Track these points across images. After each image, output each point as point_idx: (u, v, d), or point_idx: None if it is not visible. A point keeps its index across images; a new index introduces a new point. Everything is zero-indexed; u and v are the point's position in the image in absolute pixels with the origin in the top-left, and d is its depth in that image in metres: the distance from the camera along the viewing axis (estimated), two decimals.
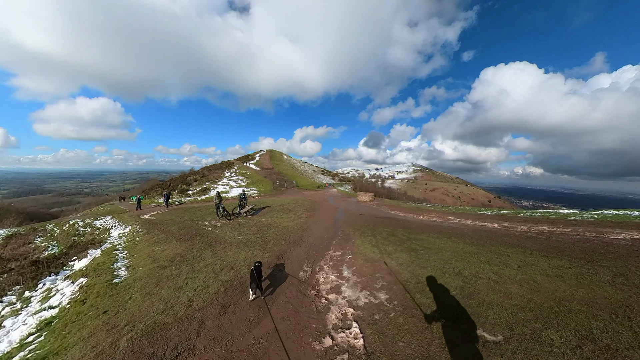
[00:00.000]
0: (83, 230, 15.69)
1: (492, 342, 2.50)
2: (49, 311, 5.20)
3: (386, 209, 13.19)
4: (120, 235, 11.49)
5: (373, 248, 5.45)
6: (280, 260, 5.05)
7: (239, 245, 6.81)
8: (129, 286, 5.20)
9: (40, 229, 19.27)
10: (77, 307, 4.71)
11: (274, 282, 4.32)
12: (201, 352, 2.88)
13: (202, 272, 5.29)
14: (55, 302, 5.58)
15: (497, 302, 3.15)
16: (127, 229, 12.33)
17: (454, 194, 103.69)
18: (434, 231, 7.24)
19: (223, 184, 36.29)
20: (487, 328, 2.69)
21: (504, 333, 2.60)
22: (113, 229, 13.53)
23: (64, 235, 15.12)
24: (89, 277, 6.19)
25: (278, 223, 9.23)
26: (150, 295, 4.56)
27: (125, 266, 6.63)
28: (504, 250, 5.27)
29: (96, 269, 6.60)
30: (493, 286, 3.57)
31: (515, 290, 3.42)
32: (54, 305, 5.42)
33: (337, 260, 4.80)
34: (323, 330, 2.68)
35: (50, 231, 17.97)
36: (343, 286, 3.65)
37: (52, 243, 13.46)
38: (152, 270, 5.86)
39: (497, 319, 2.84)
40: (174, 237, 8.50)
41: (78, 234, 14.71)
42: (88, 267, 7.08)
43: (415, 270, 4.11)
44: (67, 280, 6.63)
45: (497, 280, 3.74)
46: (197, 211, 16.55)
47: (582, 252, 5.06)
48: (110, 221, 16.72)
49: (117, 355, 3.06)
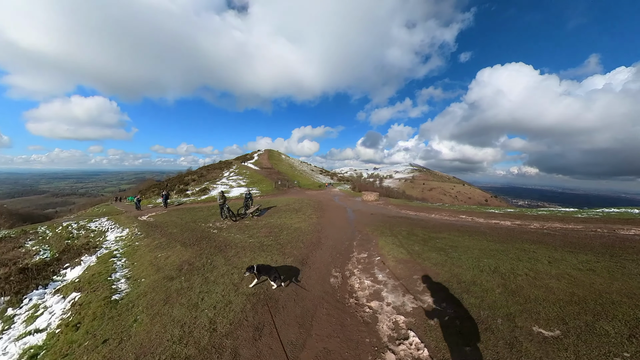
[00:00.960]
0: (77, 233, 15.03)
1: (551, 337, 2.46)
2: (34, 336, 4.40)
3: (395, 208, 13.08)
4: (117, 238, 11.02)
5: (399, 248, 5.31)
6: (304, 265, 4.76)
7: (254, 250, 6.31)
8: (132, 304, 4.45)
9: (31, 232, 18.62)
10: (68, 333, 3.91)
11: (306, 292, 3.83)
12: None
13: (218, 283, 4.58)
14: (42, 323, 4.76)
15: (543, 297, 3.13)
16: (124, 232, 11.86)
17: (452, 194, 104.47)
18: (452, 230, 7.14)
19: (223, 183, 35.89)
20: (542, 324, 2.66)
21: (560, 327, 2.58)
22: (109, 232, 12.99)
23: (57, 239, 14.53)
24: (82, 292, 5.43)
25: (289, 224, 8.98)
26: (159, 316, 3.83)
27: (125, 277, 5.90)
28: (528, 247, 5.26)
29: (91, 281, 5.88)
30: (532, 282, 3.55)
31: (556, 285, 3.41)
32: (41, 328, 4.61)
33: (366, 263, 4.65)
34: (380, 345, 2.47)
35: (42, 234, 17.33)
36: (383, 291, 3.50)
37: (43, 247, 12.90)
38: (158, 282, 5.16)
39: (549, 313, 2.81)
40: (177, 241, 7.99)
41: (72, 237, 14.04)
42: (82, 278, 6.37)
43: (453, 270, 4.02)
44: (57, 295, 5.84)
45: (535, 276, 3.71)
46: (199, 212, 16.17)
47: (602, 247, 5.12)
48: (106, 223, 16.18)
49: None
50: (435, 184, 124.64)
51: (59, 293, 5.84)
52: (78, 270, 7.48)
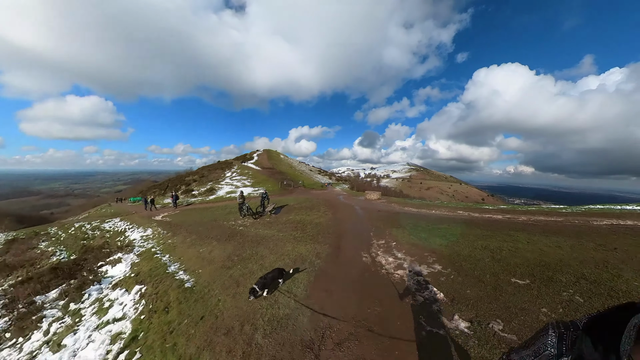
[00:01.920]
0: (92, 233, 15.38)
1: (523, 284, 3.76)
2: (116, 324, 4.61)
3: (398, 206, 14.36)
4: (144, 237, 11.36)
5: (410, 236, 6.59)
6: (339, 250, 5.89)
7: (290, 241, 6.95)
8: (207, 289, 4.74)
9: (43, 233, 19.24)
10: (161, 316, 4.23)
11: (350, 266, 4.78)
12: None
13: (282, 261, 5.16)
14: (117, 313, 5.00)
15: (519, 263, 4.44)
16: (148, 231, 12.21)
17: (448, 192, 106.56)
18: (451, 222, 8.45)
19: (227, 183, 36.79)
20: (517, 277, 3.96)
21: (529, 278, 3.88)
22: (129, 232, 13.41)
23: (72, 239, 15.01)
24: (147, 284, 5.69)
25: (309, 220, 10.10)
26: (239, 295, 4.21)
27: (182, 270, 6.12)
28: (513, 233, 6.60)
29: (152, 274, 6.19)
30: (513, 254, 4.88)
31: (530, 256, 4.74)
32: (118, 317, 4.86)
33: (386, 247, 5.90)
34: (410, 293, 3.69)
35: (55, 235, 17.94)
36: (404, 264, 4.75)
37: (59, 248, 13.43)
38: (217, 271, 5.48)
39: (523, 272, 4.12)
40: (211, 238, 8.38)
41: (87, 238, 14.47)
42: (137, 272, 6.68)
43: (453, 249, 5.34)
44: (118, 289, 6.07)
45: (515, 251, 5.06)
46: (214, 211, 17.11)
47: (572, 233, 6.46)
48: (120, 223, 16.77)
49: (268, 351, 2.72)
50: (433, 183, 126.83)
51: (119, 287, 6.15)
52: (121, 267, 7.82)
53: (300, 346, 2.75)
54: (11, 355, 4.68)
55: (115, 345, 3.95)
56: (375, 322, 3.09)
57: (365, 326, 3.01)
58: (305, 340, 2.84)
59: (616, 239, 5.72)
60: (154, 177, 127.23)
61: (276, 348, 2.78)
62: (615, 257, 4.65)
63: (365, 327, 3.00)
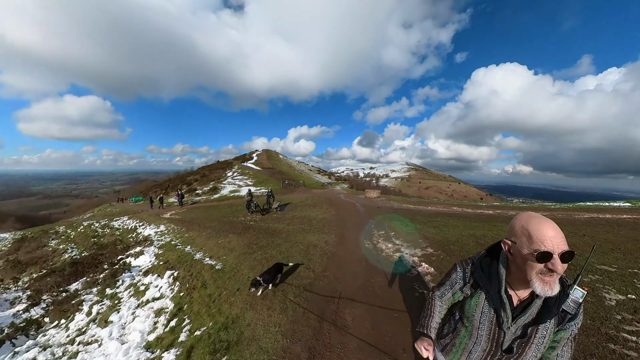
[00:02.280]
0: (102, 231, 15.87)
1: None
2: (156, 302, 5.02)
3: (396, 203, 15.20)
4: (159, 233, 11.71)
5: (406, 227, 7.40)
6: (344, 239, 6.65)
7: (300, 232, 7.49)
8: (237, 269, 5.19)
9: (51, 232, 19.84)
10: (201, 291, 4.69)
11: (355, 251, 5.44)
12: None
13: (292, 252, 5.63)
14: (155, 293, 5.43)
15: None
16: (161, 228, 12.52)
17: (447, 192, 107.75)
18: (445, 216, 9.28)
19: (229, 183, 37.54)
20: None
21: None
22: (140, 229, 13.85)
23: (82, 237, 15.53)
24: (178, 270, 6.12)
25: (314, 215, 10.85)
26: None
27: (208, 257, 6.53)
28: (499, 224, 7.44)
29: (181, 261, 6.63)
30: (495, 239, 5.63)
31: None
32: (157, 296, 5.28)
33: (385, 236, 6.70)
34: (408, 269, 4.47)
35: (64, 233, 18.54)
36: (401, 248, 5.54)
37: (70, 245, 13.97)
38: (240, 256, 5.91)
39: None
40: (225, 232, 8.79)
41: (97, 235, 14.97)
42: (165, 261, 7.08)
43: (444, 236, 6.15)
44: (150, 275, 6.48)
45: (497, 237, 5.83)
46: (221, 209, 17.83)
47: None
48: (129, 221, 17.34)
49: (301, 304, 3.31)
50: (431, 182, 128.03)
51: (151, 273, 6.59)
52: (145, 258, 8.23)
53: (324, 300, 3.63)
54: (59, 332, 5.29)
55: (161, 317, 4.42)
56: (379, 287, 3.89)
57: (371, 290, 3.81)
58: (327, 296, 3.72)
59: (588, 228, 6.57)
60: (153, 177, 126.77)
61: (306, 302, 3.60)
62: (582, 241, 5.51)
63: (370, 290, 3.80)
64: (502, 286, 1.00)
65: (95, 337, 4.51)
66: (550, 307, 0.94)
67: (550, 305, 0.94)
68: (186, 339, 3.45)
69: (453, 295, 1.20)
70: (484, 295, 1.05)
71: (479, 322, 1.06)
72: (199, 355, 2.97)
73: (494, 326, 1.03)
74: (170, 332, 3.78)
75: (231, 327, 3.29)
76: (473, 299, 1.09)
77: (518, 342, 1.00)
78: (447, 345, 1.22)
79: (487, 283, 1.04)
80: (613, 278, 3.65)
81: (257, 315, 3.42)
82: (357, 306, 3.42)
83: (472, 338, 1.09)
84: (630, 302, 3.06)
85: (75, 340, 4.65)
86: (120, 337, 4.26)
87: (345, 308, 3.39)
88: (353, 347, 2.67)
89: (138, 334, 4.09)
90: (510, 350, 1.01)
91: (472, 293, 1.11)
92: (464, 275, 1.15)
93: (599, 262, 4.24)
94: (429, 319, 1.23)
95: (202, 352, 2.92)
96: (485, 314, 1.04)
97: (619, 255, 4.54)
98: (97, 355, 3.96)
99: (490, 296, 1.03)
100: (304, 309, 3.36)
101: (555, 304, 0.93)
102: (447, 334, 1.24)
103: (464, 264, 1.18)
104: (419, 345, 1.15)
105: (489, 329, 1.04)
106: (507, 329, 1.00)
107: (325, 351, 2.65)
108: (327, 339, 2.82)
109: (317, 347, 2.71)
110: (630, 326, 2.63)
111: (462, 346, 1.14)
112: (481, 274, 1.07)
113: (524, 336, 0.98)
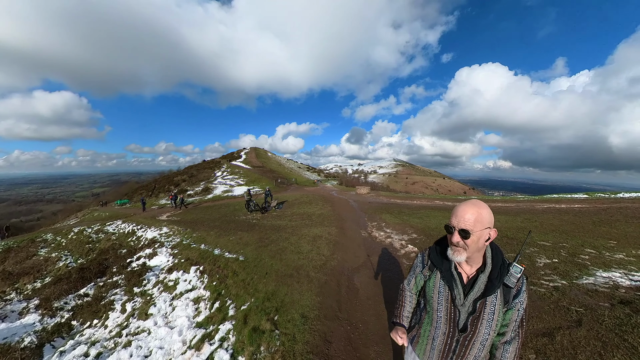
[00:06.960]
0: (97, 237, 15.22)
1: None
2: (190, 293, 5.20)
3: (385, 198, 16.48)
4: (163, 235, 11.57)
5: (395, 218, 8.61)
6: (344, 230, 7.67)
7: (303, 227, 8.09)
8: (258, 259, 5.61)
9: (39, 240, 19.15)
10: (234, 277, 5.05)
11: (355, 238, 6.59)
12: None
13: (301, 243, 6.18)
14: (187, 286, 5.61)
15: None
16: (163, 230, 12.16)
17: (433, 187, 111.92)
18: (428, 209, 10.61)
19: (221, 183, 37.47)
20: None
21: None
22: (139, 232, 13.45)
23: (76, 244, 14.94)
24: (202, 264, 6.32)
25: (312, 212, 11.68)
26: (285, 259, 5.29)
27: (227, 252, 6.74)
28: None
29: (203, 256, 6.82)
30: None
31: None
32: (188, 288, 5.47)
33: (378, 226, 7.86)
34: (397, 249, 5.60)
35: (53, 241, 18.01)
36: (391, 235, 6.72)
37: (63, 253, 13.32)
38: (257, 249, 6.27)
39: None
40: (233, 230, 9.17)
41: (92, 241, 14.34)
42: (188, 257, 7.24)
43: (426, 224, 7.43)
44: (175, 272, 6.59)
45: None
46: (218, 209, 18.12)
47: (514, 212, 8.76)
48: (123, 225, 17.16)
49: (321, 278, 4.14)
50: (418, 177, 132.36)
51: (176, 270, 6.69)
52: (161, 258, 8.24)
53: (337, 273, 4.73)
54: (98, 330, 5.16)
55: (201, 303, 4.64)
56: (375, 263, 5.04)
57: (370, 264, 4.95)
58: (339, 272, 4.81)
59: (541, 216, 7.99)
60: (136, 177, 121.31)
61: (325, 277, 4.51)
62: (533, 225, 6.87)
63: (370, 265, 4.94)
64: (452, 264, 1.11)
65: (142, 328, 4.64)
66: (493, 280, 1.04)
67: (493, 279, 1.04)
68: (235, 313, 3.96)
69: (416, 280, 1.29)
70: (439, 275, 1.15)
71: (437, 303, 1.14)
72: (254, 319, 3.57)
73: (449, 304, 1.10)
74: (217, 311, 4.18)
75: (272, 298, 3.99)
76: (431, 280, 1.19)
77: (471, 318, 1.06)
78: (415, 337, 1.29)
79: (440, 263, 1.15)
80: (546, 249, 4.97)
81: (289, 288, 4.20)
82: (362, 275, 4.56)
83: (433, 323, 1.16)
84: (553, 264, 4.35)
85: (122, 334, 4.76)
86: (167, 324, 4.45)
87: (354, 277, 4.52)
88: (363, 298, 3.89)
89: (185, 319, 4.34)
90: (465, 329, 1.07)
91: (430, 275, 1.21)
92: (423, 259, 1.29)
93: (540, 239, 5.57)
94: (401, 309, 1.33)
95: (257, 317, 3.68)
96: (441, 293, 1.12)
97: (557, 234, 5.91)
98: (150, 340, 4.15)
99: (444, 274, 1.13)
100: (325, 280, 4.41)
101: (498, 277, 1.04)
102: (414, 325, 1.31)
103: (423, 251, 1.31)
104: (393, 334, 1.23)
105: (445, 308, 1.11)
106: (460, 305, 1.07)
107: (347, 302, 3.82)
108: (345, 296, 3.96)
109: (341, 300, 3.87)
110: (548, 277, 3.89)
111: (427, 334, 1.20)
112: (435, 255, 1.20)
113: (474, 311, 1.05)
